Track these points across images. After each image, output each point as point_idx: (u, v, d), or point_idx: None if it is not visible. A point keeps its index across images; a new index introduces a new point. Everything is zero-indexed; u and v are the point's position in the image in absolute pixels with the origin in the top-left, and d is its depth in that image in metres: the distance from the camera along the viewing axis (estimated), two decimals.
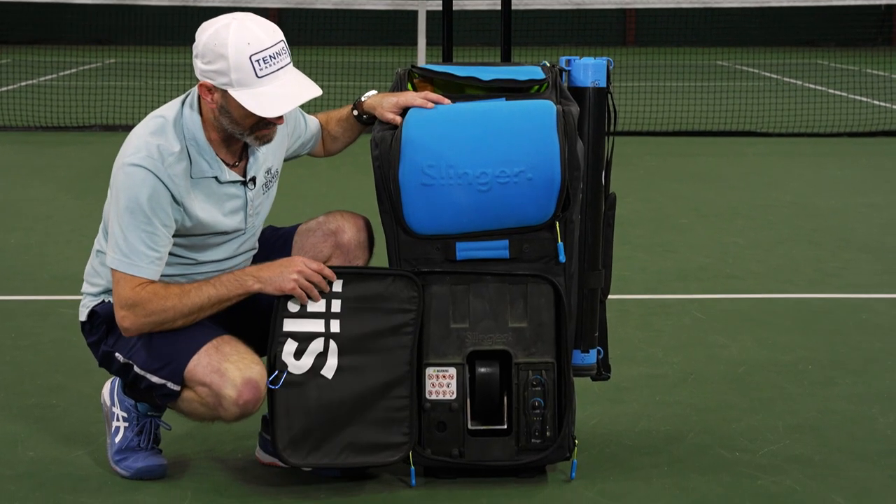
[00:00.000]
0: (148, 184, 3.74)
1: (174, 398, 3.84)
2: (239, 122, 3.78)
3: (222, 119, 3.79)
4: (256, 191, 3.96)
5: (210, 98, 3.77)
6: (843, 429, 4.47)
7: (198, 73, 3.77)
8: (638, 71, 17.38)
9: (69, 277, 6.48)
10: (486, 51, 17.14)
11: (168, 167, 3.76)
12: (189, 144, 3.81)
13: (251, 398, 3.76)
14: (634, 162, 10.62)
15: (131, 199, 3.74)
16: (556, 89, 3.90)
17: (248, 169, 3.93)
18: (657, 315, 5.94)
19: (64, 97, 14.21)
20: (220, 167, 3.86)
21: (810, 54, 22.60)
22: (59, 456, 4.18)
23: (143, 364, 3.85)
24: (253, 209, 3.96)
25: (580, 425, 4.36)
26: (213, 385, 3.75)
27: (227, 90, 3.72)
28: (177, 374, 3.80)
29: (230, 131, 3.81)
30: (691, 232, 7.92)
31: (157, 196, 3.74)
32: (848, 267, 6.92)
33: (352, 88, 14.83)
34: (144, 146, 3.77)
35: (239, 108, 3.73)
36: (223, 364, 3.76)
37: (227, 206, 3.90)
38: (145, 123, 3.85)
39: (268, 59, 3.71)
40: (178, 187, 3.78)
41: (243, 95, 3.71)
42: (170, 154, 3.77)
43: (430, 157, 3.77)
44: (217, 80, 3.73)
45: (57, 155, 11.05)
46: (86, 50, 20.08)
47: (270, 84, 3.72)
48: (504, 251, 3.85)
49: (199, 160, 3.83)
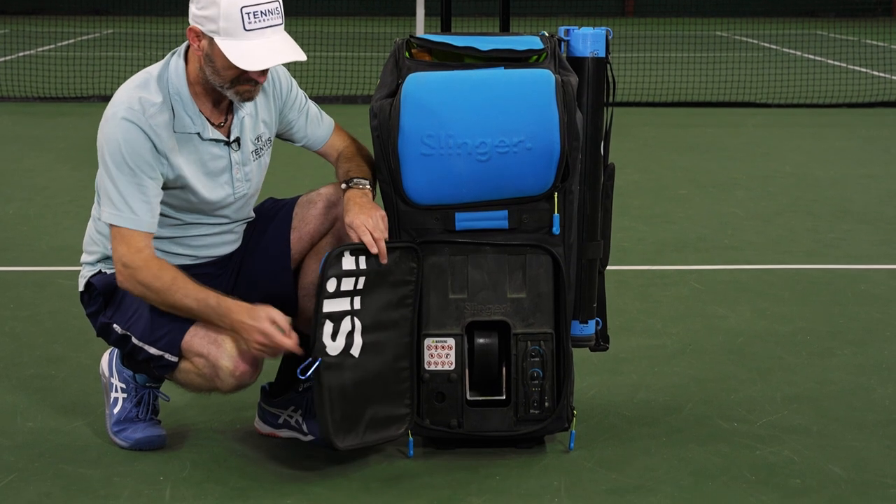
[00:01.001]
0: (131, 135, 3.74)
1: (172, 369, 3.85)
2: (220, 72, 3.76)
3: (206, 68, 3.78)
4: (245, 155, 3.94)
5: (197, 44, 3.76)
6: (841, 399, 4.48)
7: (190, 17, 3.77)
8: (637, 41, 17.34)
9: (67, 248, 6.48)
10: (484, 21, 17.14)
11: (149, 118, 3.76)
12: (172, 98, 3.81)
13: (247, 369, 3.76)
14: (633, 132, 10.61)
15: (115, 151, 3.74)
16: (555, 59, 3.89)
17: (231, 129, 3.92)
18: (656, 286, 5.95)
19: (62, 68, 14.18)
20: (203, 123, 3.85)
21: (810, 25, 22.54)
22: (58, 426, 4.19)
23: (141, 335, 3.85)
24: (242, 174, 3.95)
25: (579, 396, 4.37)
26: (209, 356, 3.76)
27: (213, 38, 3.71)
28: (174, 346, 3.80)
29: (212, 82, 3.79)
30: (690, 203, 7.91)
31: (139, 147, 3.74)
32: (846, 237, 6.92)
33: (350, 59, 14.79)
34: (126, 99, 3.78)
35: (222, 58, 3.72)
36: (220, 335, 3.76)
37: (211, 167, 3.88)
38: (131, 79, 3.86)
39: (258, 14, 3.70)
40: (160, 139, 3.77)
41: (227, 45, 3.69)
42: (151, 105, 3.77)
43: (429, 127, 3.76)
44: (206, 25, 3.72)
45: (55, 126, 11.04)
46: (84, 20, 20.03)
47: (256, 39, 3.71)
48: (503, 222, 3.84)
49: (182, 114, 3.82)
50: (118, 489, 3.75)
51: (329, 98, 12.28)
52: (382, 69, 3.93)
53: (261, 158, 4.01)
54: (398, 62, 3.89)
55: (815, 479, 3.83)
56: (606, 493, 3.74)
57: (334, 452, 3.85)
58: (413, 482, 3.82)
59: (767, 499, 3.70)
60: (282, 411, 4.12)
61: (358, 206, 3.84)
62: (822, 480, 3.82)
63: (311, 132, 4.12)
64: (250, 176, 3.98)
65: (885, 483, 3.81)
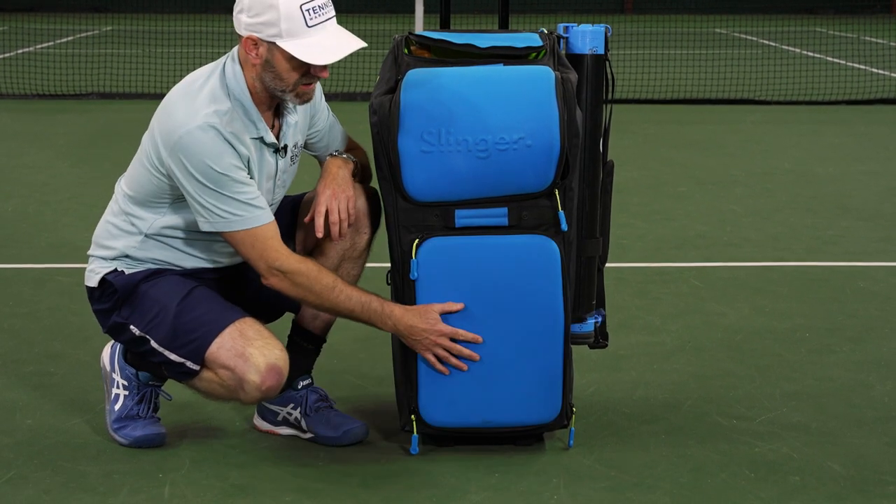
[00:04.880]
0: (217, 143, 3.69)
1: (191, 377, 3.84)
2: (284, 76, 3.74)
3: (265, 76, 3.74)
4: (286, 161, 3.94)
5: (255, 53, 3.72)
6: (841, 396, 4.48)
7: (242, 29, 3.72)
8: (636, 38, 17.32)
9: (67, 245, 6.48)
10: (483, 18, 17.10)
11: (226, 125, 3.72)
12: (235, 105, 3.77)
13: (274, 384, 3.76)
14: (632, 129, 10.60)
15: (202, 165, 3.68)
16: (554, 56, 3.89)
17: (280, 136, 3.90)
18: (655, 283, 5.95)
19: (61, 65, 14.16)
20: (266, 128, 3.82)
21: (809, 22, 22.53)
22: (57, 423, 4.18)
23: (162, 341, 3.83)
24: (282, 181, 3.94)
25: (578, 393, 4.37)
26: (236, 369, 3.75)
27: (275, 42, 3.69)
28: (198, 355, 3.79)
29: (272, 88, 3.76)
30: (689, 200, 7.91)
31: (224, 154, 3.69)
32: (846, 234, 6.92)
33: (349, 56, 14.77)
34: (195, 111, 3.71)
35: (285, 60, 3.70)
36: (247, 348, 3.75)
37: (264, 172, 3.87)
38: (185, 90, 3.79)
39: (317, 8, 3.70)
40: (240, 145, 3.74)
41: (293, 45, 3.67)
42: (223, 114, 3.73)
43: (428, 124, 3.76)
44: (265, 31, 3.69)
45: (54, 122, 11.03)
46: (83, 17, 20.00)
47: (319, 34, 3.70)
48: (503, 218, 3.84)
49: (247, 120, 3.78)
50: (117, 486, 3.74)
51: (328, 95, 12.22)
52: (381, 66, 3.93)
53: (294, 165, 4.00)
54: (397, 59, 3.89)
55: (815, 476, 3.83)
56: (606, 490, 3.74)
57: (332, 450, 3.85)
58: (412, 479, 3.82)
59: (766, 496, 3.70)
60: (281, 408, 4.12)
61: (330, 177, 3.88)
62: (821, 477, 3.82)
63: (330, 141, 4.10)
64: (287, 182, 3.98)
65: (883, 480, 3.81)
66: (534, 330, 3.85)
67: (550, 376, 3.89)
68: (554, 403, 3.92)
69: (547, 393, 3.90)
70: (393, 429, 4.09)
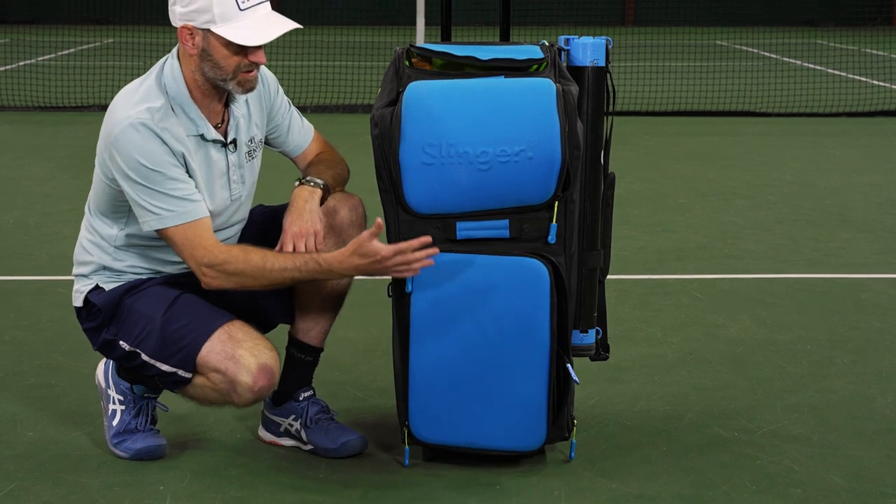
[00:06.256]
0: (146, 142, 3.70)
1: (184, 385, 3.84)
2: (222, 64, 3.74)
3: (204, 66, 3.76)
4: (240, 157, 3.93)
5: (191, 43, 3.74)
6: (842, 408, 4.48)
7: (176, 20, 3.75)
8: (637, 50, 17.35)
9: (68, 257, 6.43)
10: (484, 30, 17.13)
11: (158, 122, 3.73)
12: (172, 101, 3.79)
13: (266, 384, 3.76)
14: (633, 141, 10.61)
15: (132, 161, 3.70)
16: (555, 69, 3.89)
17: (228, 131, 3.91)
18: (656, 295, 5.95)
19: (62, 77, 14.19)
20: (205, 125, 3.83)
21: (810, 34, 22.56)
22: (57, 436, 4.18)
23: (153, 352, 3.83)
24: (238, 175, 3.94)
25: (579, 405, 4.37)
26: (227, 372, 3.75)
27: (209, 28, 3.70)
28: (188, 362, 3.79)
29: (213, 78, 3.77)
30: (690, 211, 7.91)
31: (156, 150, 3.70)
32: (847, 246, 6.92)
33: (350, 68, 14.80)
34: (129, 109, 3.74)
35: (222, 46, 3.72)
36: (237, 350, 3.75)
37: (213, 169, 3.87)
38: (125, 91, 3.83)
39: None
40: (173, 142, 3.74)
41: (227, 29, 3.69)
42: (156, 110, 3.74)
43: (430, 136, 3.76)
44: (198, 19, 3.71)
45: (55, 134, 11.04)
46: (84, 29, 20.04)
47: (251, 16, 3.71)
48: (504, 231, 3.83)
49: (184, 117, 3.80)
50: (118, 499, 3.74)
51: (329, 107, 12.21)
52: (383, 78, 3.93)
53: (253, 161, 4.00)
54: (398, 71, 3.89)
55: (816, 489, 3.82)
56: (607, 503, 3.73)
57: (333, 461, 3.85)
58: (413, 491, 3.81)
59: None
60: (283, 420, 4.12)
61: (297, 212, 3.87)
62: (822, 490, 3.82)
63: (292, 138, 4.12)
64: (245, 178, 3.97)
65: (885, 492, 3.81)
66: (517, 355, 3.83)
67: (533, 404, 3.86)
68: (536, 432, 3.89)
69: (529, 420, 3.87)
70: (394, 441, 4.09)
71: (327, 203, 3.98)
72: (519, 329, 3.81)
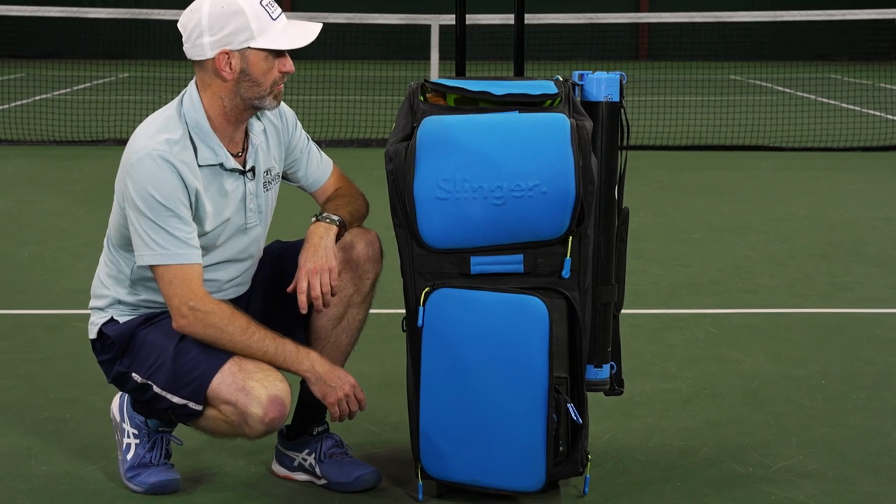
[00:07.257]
0: (163, 173, 3.73)
1: (195, 417, 3.84)
2: (261, 80, 3.80)
3: (241, 88, 3.80)
4: (257, 186, 3.95)
5: (230, 68, 3.78)
6: (857, 443, 4.46)
7: (207, 51, 3.78)
8: (651, 85, 17.38)
9: (83, 291, 6.46)
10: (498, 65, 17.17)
11: (176, 154, 3.76)
12: (192, 132, 3.82)
13: (277, 415, 3.75)
14: (647, 176, 10.61)
15: (144, 192, 3.73)
16: (569, 104, 3.90)
17: (247, 160, 3.93)
18: (670, 329, 5.94)
19: (77, 111, 14.24)
20: (225, 154, 3.86)
21: (823, 68, 22.57)
22: (72, 470, 4.18)
23: (164, 384, 3.83)
24: (255, 204, 3.95)
25: (593, 440, 4.36)
26: (238, 403, 3.74)
27: (248, 46, 3.76)
28: (199, 394, 3.79)
29: (250, 98, 3.81)
30: (704, 246, 7.91)
31: (170, 182, 3.73)
32: (861, 281, 6.91)
33: (365, 102, 14.84)
34: (148, 141, 3.77)
35: (262, 60, 3.78)
36: (248, 382, 3.75)
37: (228, 199, 3.88)
38: (145, 124, 3.86)
39: (270, 2, 3.84)
40: (189, 174, 3.77)
41: (267, 40, 3.77)
42: (175, 143, 3.77)
43: (444, 171, 3.76)
44: (236, 41, 3.76)
45: (70, 168, 11.08)
46: (99, 64, 20.13)
47: (282, 23, 3.83)
48: (519, 265, 3.84)
49: (204, 147, 3.83)
50: None
51: (344, 141, 12.24)
52: (397, 113, 3.94)
53: (269, 192, 4.02)
54: (413, 106, 3.90)
55: None
56: None
57: (346, 496, 3.84)
58: None
59: None
60: (297, 454, 4.11)
61: (312, 248, 3.87)
62: None
63: (311, 172, 4.14)
64: (262, 208, 3.99)
65: None
66: (514, 396, 3.82)
67: (530, 445, 3.83)
68: (535, 474, 3.85)
69: (527, 462, 3.85)
70: (408, 475, 4.08)
71: (344, 238, 3.99)
72: (514, 369, 3.79)
